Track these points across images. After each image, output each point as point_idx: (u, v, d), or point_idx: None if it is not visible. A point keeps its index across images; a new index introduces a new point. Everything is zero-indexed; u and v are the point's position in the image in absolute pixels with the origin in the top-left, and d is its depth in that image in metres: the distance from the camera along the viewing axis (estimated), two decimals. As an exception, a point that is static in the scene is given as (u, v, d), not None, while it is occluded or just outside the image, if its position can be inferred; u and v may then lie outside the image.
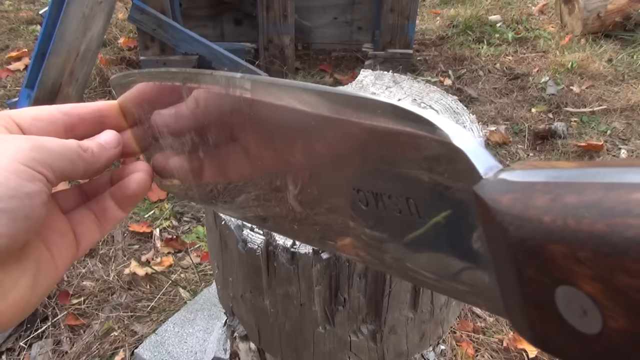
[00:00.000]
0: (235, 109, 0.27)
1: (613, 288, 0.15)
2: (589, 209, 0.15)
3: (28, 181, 0.24)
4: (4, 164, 0.24)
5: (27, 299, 0.26)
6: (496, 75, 2.42)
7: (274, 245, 0.47)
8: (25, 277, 0.26)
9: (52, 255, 0.28)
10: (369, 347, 0.55)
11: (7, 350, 1.19)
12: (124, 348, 1.19)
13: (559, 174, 0.17)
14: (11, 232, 0.23)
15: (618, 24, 2.64)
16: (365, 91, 0.67)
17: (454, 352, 1.15)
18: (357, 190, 0.24)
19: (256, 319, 0.57)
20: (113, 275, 1.38)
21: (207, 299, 1.18)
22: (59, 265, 0.29)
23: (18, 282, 0.25)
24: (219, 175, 0.31)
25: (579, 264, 0.16)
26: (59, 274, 0.29)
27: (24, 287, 0.26)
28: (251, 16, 2.45)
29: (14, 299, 0.25)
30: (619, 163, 0.17)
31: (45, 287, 0.27)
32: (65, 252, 0.29)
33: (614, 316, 0.15)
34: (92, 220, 0.31)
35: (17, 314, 0.25)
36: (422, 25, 2.96)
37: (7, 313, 0.25)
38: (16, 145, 0.25)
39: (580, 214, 0.16)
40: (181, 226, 1.58)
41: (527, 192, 0.17)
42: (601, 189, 0.16)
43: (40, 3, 3.16)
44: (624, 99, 2.17)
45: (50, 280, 0.28)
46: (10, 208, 0.23)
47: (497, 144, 1.95)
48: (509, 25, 2.89)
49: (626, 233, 0.15)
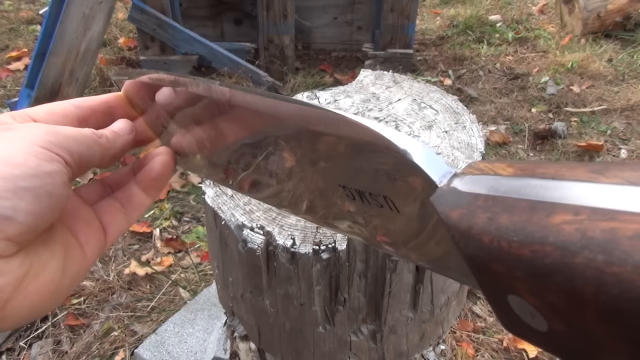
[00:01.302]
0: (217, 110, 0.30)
1: (547, 302, 0.17)
2: (517, 232, 0.17)
3: (47, 161, 0.25)
4: (23, 147, 0.25)
5: (57, 281, 0.27)
6: (496, 75, 2.42)
7: (274, 245, 0.47)
8: (55, 260, 0.27)
9: (80, 243, 0.29)
10: (369, 347, 0.55)
11: (7, 350, 1.19)
12: (124, 348, 1.19)
13: (498, 185, 0.19)
14: (36, 210, 0.24)
15: (618, 23, 2.64)
16: (365, 91, 0.67)
17: (454, 352, 1.15)
18: (342, 187, 0.27)
19: (256, 319, 0.57)
20: (113, 275, 1.38)
21: (207, 299, 1.18)
22: (87, 253, 0.30)
23: (47, 264, 0.26)
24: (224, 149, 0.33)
25: (516, 280, 0.17)
26: (88, 261, 0.30)
27: (54, 270, 0.27)
28: (251, 16, 2.44)
29: (45, 281, 0.26)
30: (552, 170, 0.18)
31: (74, 273, 0.29)
32: (93, 241, 0.30)
33: (555, 321, 0.17)
34: (117, 209, 0.32)
35: (49, 297, 0.27)
36: (422, 25, 2.96)
37: (39, 294, 0.26)
38: (33, 130, 0.27)
39: (511, 237, 0.17)
40: (181, 226, 1.58)
41: (471, 208, 0.19)
42: (527, 208, 0.17)
43: (40, 3, 3.16)
44: (624, 99, 2.17)
45: (80, 266, 0.29)
46: (33, 186, 0.24)
47: (497, 144, 1.95)
48: (509, 25, 2.89)
49: (545, 260, 0.16)
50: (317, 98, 0.66)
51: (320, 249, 0.46)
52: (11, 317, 0.25)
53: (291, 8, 2.25)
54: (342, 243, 0.46)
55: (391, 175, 0.23)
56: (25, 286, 0.25)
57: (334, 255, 0.46)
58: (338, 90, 0.68)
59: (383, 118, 0.61)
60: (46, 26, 1.78)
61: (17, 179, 0.24)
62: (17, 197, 0.24)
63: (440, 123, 0.60)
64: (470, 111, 0.62)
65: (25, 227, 0.24)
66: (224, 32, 2.56)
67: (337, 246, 0.46)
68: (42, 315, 0.28)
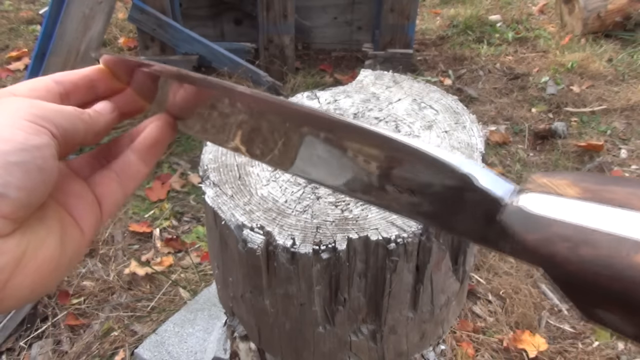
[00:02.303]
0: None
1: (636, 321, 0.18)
2: (605, 267, 0.18)
3: (34, 135, 0.25)
4: (9, 122, 0.25)
5: (57, 259, 0.27)
6: (496, 75, 2.42)
7: (274, 245, 0.47)
8: (52, 237, 0.27)
9: (75, 219, 0.29)
10: (369, 347, 0.55)
11: (7, 350, 1.19)
12: (124, 348, 1.19)
13: (569, 209, 0.20)
14: (27, 185, 0.24)
15: (618, 23, 2.64)
16: (365, 91, 0.67)
17: (454, 352, 1.15)
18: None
19: (256, 319, 0.57)
20: (113, 275, 1.38)
21: (207, 299, 1.18)
22: (84, 229, 0.29)
23: (45, 241, 0.26)
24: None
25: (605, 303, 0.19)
26: (86, 237, 0.29)
27: (52, 247, 0.27)
28: (251, 16, 2.44)
29: (44, 259, 0.26)
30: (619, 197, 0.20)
31: (73, 250, 0.28)
32: (87, 215, 0.30)
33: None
34: (112, 179, 0.32)
35: (49, 275, 0.26)
36: (422, 25, 2.96)
37: (39, 272, 0.26)
38: (17, 104, 0.26)
39: (599, 271, 0.18)
40: (181, 226, 1.58)
41: (548, 235, 0.20)
42: (610, 244, 0.18)
43: (40, 3, 3.16)
44: (624, 98, 2.17)
45: (78, 243, 0.29)
46: (22, 161, 0.24)
47: (497, 143, 1.95)
48: (509, 25, 2.89)
49: (636, 296, 0.17)
50: (317, 98, 0.66)
51: (320, 249, 0.46)
52: (12, 297, 0.25)
53: (291, 8, 2.25)
54: (342, 243, 0.46)
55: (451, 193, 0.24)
56: (25, 265, 0.25)
57: (334, 255, 0.46)
58: (338, 90, 0.68)
59: (383, 118, 0.61)
60: (46, 26, 1.78)
61: (6, 155, 0.23)
62: (7, 173, 0.23)
63: (440, 123, 0.60)
64: (470, 111, 0.62)
65: (18, 203, 0.24)
66: (224, 32, 2.56)
67: (337, 246, 0.46)
68: (43, 294, 0.28)
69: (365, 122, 0.60)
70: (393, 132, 0.25)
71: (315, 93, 0.67)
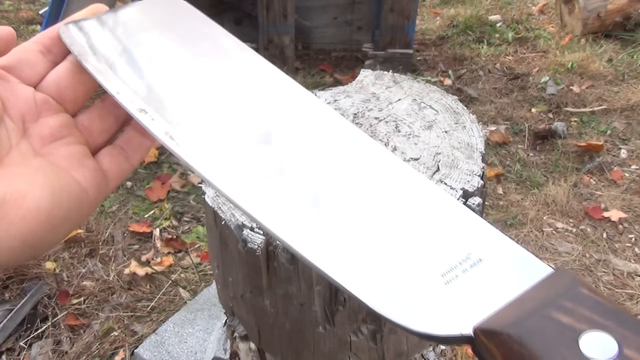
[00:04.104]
0: None
1: None
2: None
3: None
4: None
5: (47, 210, 0.27)
6: (496, 75, 2.42)
7: (274, 245, 0.47)
8: (37, 190, 0.27)
9: (75, 178, 0.29)
10: (369, 347, 0.55)
11: (7, 350, 1.19)
12: (124, 348, 1.19)
13: None
14: None
15: (618, 24, 2.64)
16: (365, 91, 0.67)
17: (453, 352, 1.15)
18: None
19: (256, 319, 0.57)
20: (113, 275, 1.38)
21: (207, 299, 1.18)
22: (87, 189, 0.30)
23: (28, 194, 0.26)
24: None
25: None
26: (90, 196, 0.30)
27: (38, 199, 0.26)
28: (251, 16, 2.44)
29: (29, 209, 0.26)
30: None
31: (70, 204, 0.28)
32: (89, 177, 0.30)
33: None
34: (118, 151, 0.33)
35: (39, 226, 0.26)
36: (422, 25, 2.96)
37: (26, 221, 0.26)
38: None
39: None
40: (181, 226, 1.58)
41: None
42: None
43: (40, 3, 3.16)
44: (624, 99, 2.17)
45: (78, 199, 0.29)
46: None
47: (497, 143, 1.95)
48: (509, 25, 2.89)
49: None
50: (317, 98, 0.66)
51: (320, 249, 0.46)
52: (3, 248, 0.25)
53: (291, 8, 2.25)
54: (342, 243, 0.46)
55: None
56: (6, 213, 0.25)
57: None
58: (338, 91, 0.68)
59: (383, 118, 0.61)
60: (46, 26, 1.78)
61: None
62: None
63: (440, 123, 0.60)
64: (470, 111, 0.62)
65: None
66: (224, 32, 2.56)
67: (337, 246, 0.46)
68: (42, 248, 0.27)
69: (365, 122, 0.60)
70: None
71: (315, 93, 0.67)
